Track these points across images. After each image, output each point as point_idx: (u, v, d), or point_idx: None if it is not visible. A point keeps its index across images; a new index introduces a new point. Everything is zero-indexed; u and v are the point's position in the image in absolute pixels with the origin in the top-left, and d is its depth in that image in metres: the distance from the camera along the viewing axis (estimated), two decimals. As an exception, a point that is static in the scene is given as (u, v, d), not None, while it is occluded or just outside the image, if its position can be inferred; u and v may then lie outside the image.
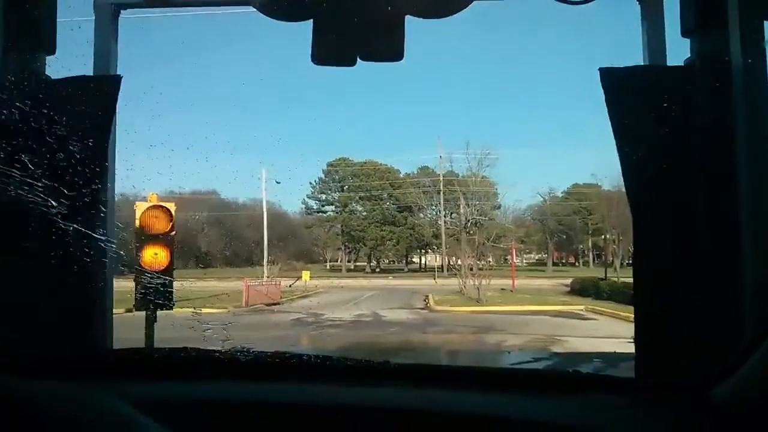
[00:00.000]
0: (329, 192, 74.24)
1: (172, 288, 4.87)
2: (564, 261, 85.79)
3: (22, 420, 0.89)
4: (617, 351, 3.38)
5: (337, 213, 73.00)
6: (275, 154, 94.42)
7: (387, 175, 70.73)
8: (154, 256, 4.82)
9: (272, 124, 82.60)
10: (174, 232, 4.96)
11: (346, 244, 73.86)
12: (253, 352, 1.61)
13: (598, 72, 2.35)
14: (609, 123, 2.15)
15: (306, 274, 36.59)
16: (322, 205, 74.97)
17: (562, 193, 76.66)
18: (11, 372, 1.11)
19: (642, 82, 2.29)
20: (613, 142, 2.19)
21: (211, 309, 22.33)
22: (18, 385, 1.00)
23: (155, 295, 4.80)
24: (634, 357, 2.04)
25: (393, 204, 70.60)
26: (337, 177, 72.98)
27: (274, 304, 24.51)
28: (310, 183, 74.11)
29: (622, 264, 41.28)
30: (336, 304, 24.68)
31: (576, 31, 64.00)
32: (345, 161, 72.16)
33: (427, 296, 28.19)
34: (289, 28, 2.81)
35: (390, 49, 3.01)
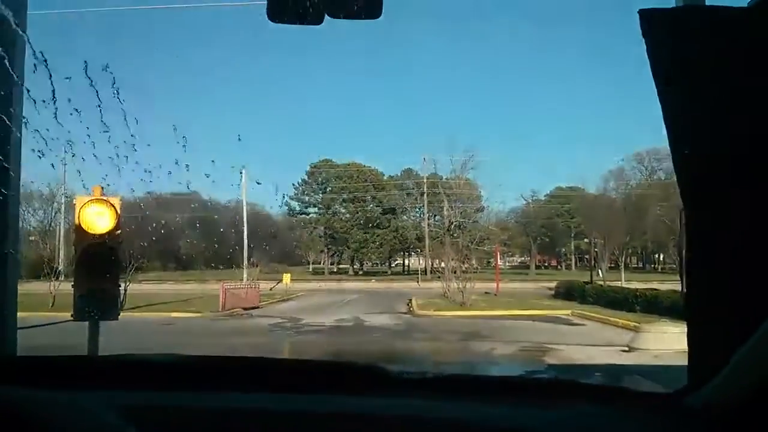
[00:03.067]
0: (312, 194, 73.56)
1: (117, 295, 4.24)
2: (546, 264, 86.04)
3: (5, 428, 0.89)
4: (615, 363, 2.96)
5: (319, 215, 72.35)
6: (258, 154, 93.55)
7: (370, 177, 70.22)
8: (96, 259, 4.18)
9: (254, 124, 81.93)
10: (120, 231, 4.33)
11: (329, 246, 73.23)
12: (238, 358, 1.61)
13: (637, 15, 1.77)
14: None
15: (287, 277, 35.94)
16: (305, 207, 74.32)
17: (545, 195, 76.94)
18: None
19: (699, 27, 1.72)
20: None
21: (185, 314, 21.61)
22: (2, 392, 0.99)
23: (97, 304, 4.18)
24: (637, 370, 2.14)
25: (376, 206, 70.08)
26: (320, 179, 72.33)
27: (253, 308, 23.81)
28: (293, 184, 73.38)
29: (608, 267, 41.16)
30: (317, 308, 24.09)
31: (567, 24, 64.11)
32: (328, 163, 71.52)
33: (410, 300, 27.65)
34: (274, 27, 2.36)
35: (364, 4, 2.45)
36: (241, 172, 40.88)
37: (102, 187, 4.55)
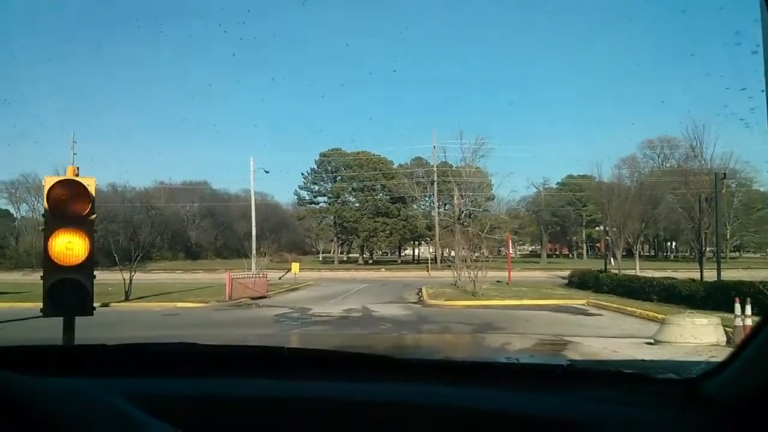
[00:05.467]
0: (322, 183, 73.14)
1: (90, 288, 3.78)
2: (557, 253, 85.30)
3: (18, 415, 0.89)
4: (644, 358, 2.62)
5: (329, 204, 71.90)
6: (267, 143, 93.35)
7: (380, 165, 69.60)
8: (68, 247, 3.72)
9: (265, 113, 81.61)
10: (94, 216, 3.86)
11: (339, 235, 72.88)
12: (250, 347, 1.65)
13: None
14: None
15: (295, 266, 35.56)
16: (315, 196, 73.92)
17: (556, 184, 76.10)
18: (2, 367, 1.11)
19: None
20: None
21: (191, 304, 21.26)
22: (14, 380, 0.98)
23: (68, 297, 3.72)
24: (665, 366, 1.75)
25: (386, 195, 69.52)
26: (329, 167, 71.82)
27: (260, 298, 23.44)
28: (302, 173, 73.00)
29: (624, 255, 40.35)
30: (325, 298, 23.70)
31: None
32: (338, 151, 71.00)
33: (420, 289, 27.20)
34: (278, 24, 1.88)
35: None
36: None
37: (77, 168, 4.09)
